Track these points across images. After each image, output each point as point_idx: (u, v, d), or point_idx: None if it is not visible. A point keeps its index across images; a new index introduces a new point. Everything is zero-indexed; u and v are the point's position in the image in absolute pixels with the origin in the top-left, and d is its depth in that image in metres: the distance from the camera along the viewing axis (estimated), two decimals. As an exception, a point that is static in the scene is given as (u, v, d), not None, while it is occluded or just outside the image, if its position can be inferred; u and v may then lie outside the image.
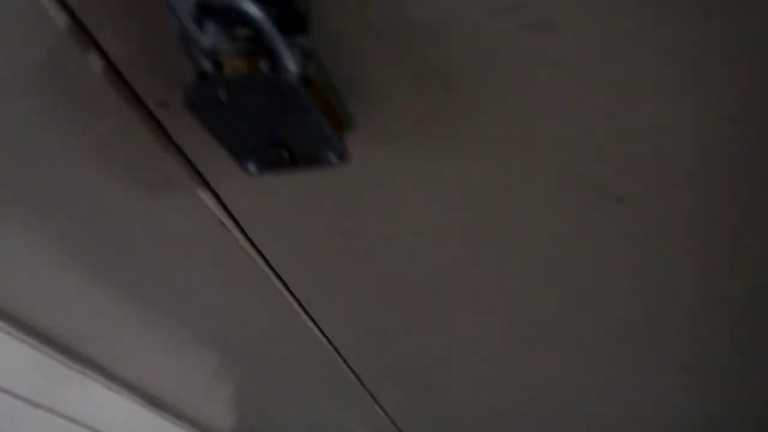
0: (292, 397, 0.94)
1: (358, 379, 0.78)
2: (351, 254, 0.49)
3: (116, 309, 0.73)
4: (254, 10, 0.25)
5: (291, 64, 0.27)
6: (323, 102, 0.29)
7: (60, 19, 0.33)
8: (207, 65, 0.28)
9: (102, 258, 0.59)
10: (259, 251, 0.52)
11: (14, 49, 0.35)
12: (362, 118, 0.33)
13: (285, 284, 0.57)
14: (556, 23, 0.26)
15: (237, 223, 0.49)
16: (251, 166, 0.33)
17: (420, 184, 0.39)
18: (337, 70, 0.31)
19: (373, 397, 0.84)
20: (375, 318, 0.61)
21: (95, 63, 0.35)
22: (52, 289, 0.71)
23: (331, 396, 0.88)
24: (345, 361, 0.73)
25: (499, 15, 0.27)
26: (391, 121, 0.33)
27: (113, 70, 0.36)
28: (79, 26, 0.33)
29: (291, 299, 0.59)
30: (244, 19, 0.25)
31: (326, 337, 0.67)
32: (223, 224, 0.48)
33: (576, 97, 0.30)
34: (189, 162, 0.43)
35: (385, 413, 0.89)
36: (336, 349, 0.70)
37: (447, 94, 0.31)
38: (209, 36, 0.25)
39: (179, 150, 0.42)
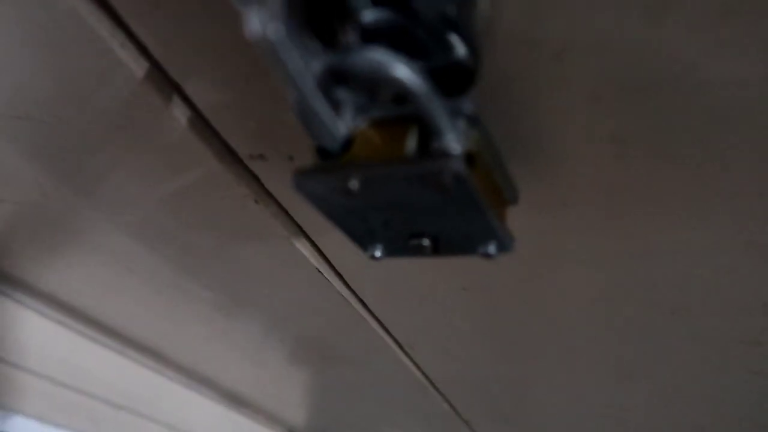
0: (376, 414, 0.90)
1: (453, 409, 0.71)
2: (467, 306, 0.42)
3: (207, 331, 0.69)
4: (411, 78, 0.17)
5: (453, 142, 0.19)
6: (487, 182, 0.21)
7: (137, 66, 0.26)
8: (332, 143, 0.20)
9: (192, 289, 0.55)
10: (359, 299, 0.45)
11: (90, 98, 0.28)
12: (527, 182, 0.25)
13: (386, 329, 0.50)
14: None
15: (337, 273, 0.42)
16: (377, 252, 0.25)
17: (580, 252, 0.30)
18: (502, 125, 0.22)
19: (468, 425, 0.77)
20: (481, 365, 0.53)
21: (180, 113, 0.28)
22: (142, 310, 0.68)
23: (421, 420, 0.82)
24: (442, 394, 0.66)
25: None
26: (567, 186, 0.25)
27: (201, 121, 0.29)
28: (160, 73, 0.26)
29: (390, 341, 0.53)
30: (392, 86, 0.17)
31: (425, 374, 0.60)
32: (321, 273, 0.41)
33: None
34: (285, 213, 0.36)
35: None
36: (434, 385, 0.63)
37: (654, 161, 0.22)
38: (344, 115, 0.18)
39: (275, 201, 0.35)
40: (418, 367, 0.59)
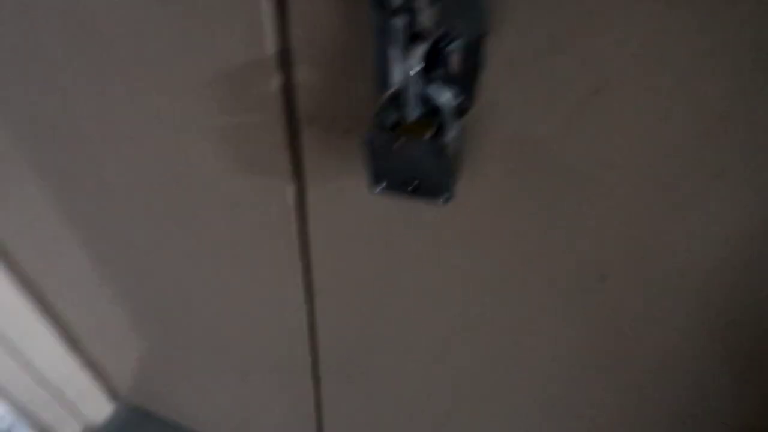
0: (235, 379, 1.02)
1: (314, 361, 0.88)
2: (383, 265, 0.62)
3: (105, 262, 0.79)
4: (448, 104, 0.39)
5: (451, 138, 0.41)
6: (455, 161, 0.43)
7: (271, 44, 0.44)
8: (391, 121, 0.42)
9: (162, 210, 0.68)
10: (304, 239, 0.64)
11: (222, 50, 0.46)
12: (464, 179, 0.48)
13: (308, 270, 0.68)
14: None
15: (302, 215, 0.60)
16: (379, 188, 0.46)
17: (470, 236, 0.53)
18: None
19: (316, 382, 0.94)
20: (370, 321, 0.72)
21: (277, 79, 0.47)
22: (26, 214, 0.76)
23: (275, 380, 0.97)
24: (313, 346, 0.83)
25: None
26: (484, 188, 0.48)
27: (287, 89, 0.48)
28: (284, 53, 0.45)
29: (301, 282, 0.70)
30: (438, 107, 0.39)
31: (311, 323, 0.78)
32: (294, 210, 0.59)
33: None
34: (300, 164, 0.54)
35: (318, 406, 0.99)
36: (312, 335, 0.80)
37: (527, 183, 0.46)
38: (415, 110, 0.39)
39: (297, 152, 0.53)
40: (312, 314, 0.76)
